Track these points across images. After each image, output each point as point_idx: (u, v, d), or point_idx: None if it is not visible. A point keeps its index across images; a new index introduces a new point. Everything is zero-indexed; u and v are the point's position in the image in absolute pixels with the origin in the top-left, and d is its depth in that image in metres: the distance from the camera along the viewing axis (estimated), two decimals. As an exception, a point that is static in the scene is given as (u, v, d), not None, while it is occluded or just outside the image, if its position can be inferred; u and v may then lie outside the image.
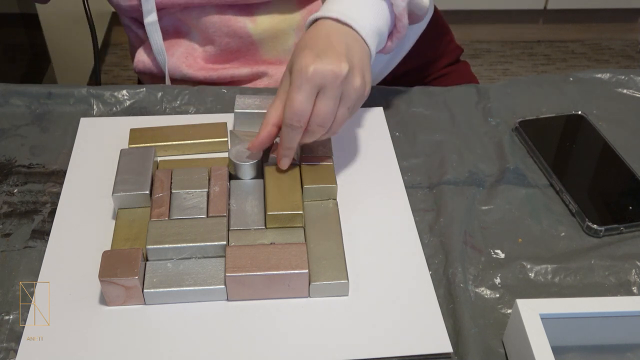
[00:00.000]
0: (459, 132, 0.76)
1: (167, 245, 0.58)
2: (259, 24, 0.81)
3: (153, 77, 0.89)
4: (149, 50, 0.86)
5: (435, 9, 0.96)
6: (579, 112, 0.78)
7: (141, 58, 0.87)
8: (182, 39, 0.85)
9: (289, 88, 0.60)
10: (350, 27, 0.63)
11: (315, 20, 0.65)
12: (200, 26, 0.82)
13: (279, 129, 0.63)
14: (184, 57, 0.85)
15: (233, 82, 0.85)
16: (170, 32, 0.85)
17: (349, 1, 0.65)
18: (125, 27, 0.90)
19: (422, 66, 0.94)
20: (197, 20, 0.81)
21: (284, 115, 0.61)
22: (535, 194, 0.69)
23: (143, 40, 0.88)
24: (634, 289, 0.60)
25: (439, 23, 0.95)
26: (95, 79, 0.89)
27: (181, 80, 0.86)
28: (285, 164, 0.64)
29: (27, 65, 1.56)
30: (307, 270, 0.57)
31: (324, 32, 0.63)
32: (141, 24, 0.83)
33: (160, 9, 0.80)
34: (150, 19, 0.80)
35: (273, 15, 0.81)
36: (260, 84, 0.85)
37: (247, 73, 0.85)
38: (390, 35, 0.70)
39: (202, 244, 0.59)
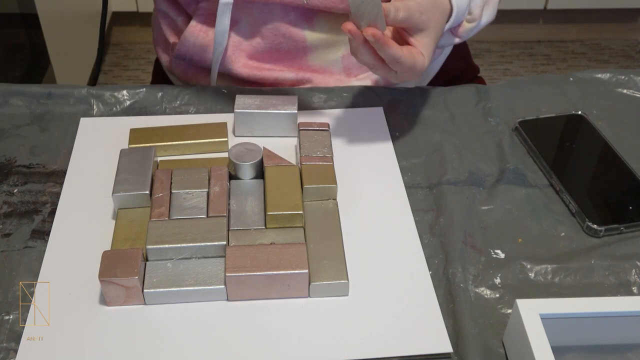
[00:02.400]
0: (459, 132, 0.76)
1: (167, 245, 0.58)
2: (317, 30, 0.81)
3: (187, 68, 0.86)
4: (201, 34, 0.81)
5: None
6: (579, 112, 0.78)
7: (187, 43, 0.83)
8: (229, 30, 0.81)
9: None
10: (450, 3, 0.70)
11: None
12: (258, 18, 0.79)
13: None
14: (229, 51, 0.82)
15: (276, 85, 0.84)
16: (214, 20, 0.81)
17: None
18: (159, 14, 0.87)
19: (444, 84, 0.94)
20: (258, 12, 0.79)
21: (415, 62, 0.64)
22: (535, 194, 0.69)
23: (179, 29, 0.85)
24: (634, 289, 0.60)
25: (463, 43, 0.96)
26: (96, 70, 0.84)
27: (223, 76, 0.84)
28: (370, 36, 0.63)
29: (27, 65, 1.56)
30: (307, 270, 0.57)
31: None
32: (181, 10, 0.82)
33: None
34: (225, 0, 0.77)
35: (332, 25, 0.81)
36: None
37: (292, 78, 0.83)
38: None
39: (202, 244, 0.59)
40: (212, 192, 0.64)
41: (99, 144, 0.72)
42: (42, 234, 0.63)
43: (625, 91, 0.83)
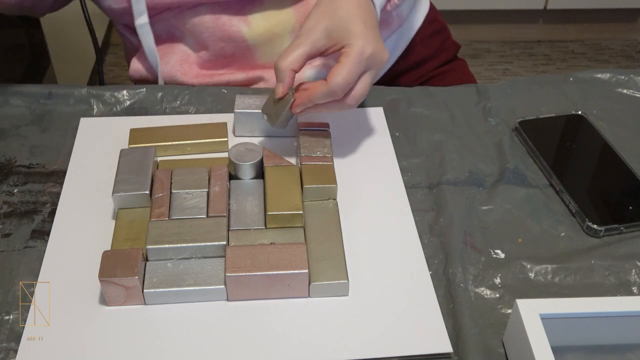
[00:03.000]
0: (459, 132, 0.76)
1: (167, 245, 0.58)
2: (254, 27, 0.81)
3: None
4: (144, 58, 0.85)
5: (432, 6, 0.96)
6: (579, 112, 0.78)
7: (136, 67, 0.87)
8: (175, 44, 0.84)
9: (341, 61, 0.62)
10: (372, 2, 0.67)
11: None
12: (194, 30, 0.81)
13: (295, 74, 0.64)
14: (178, 65, 0.84)
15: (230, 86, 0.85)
16: (164, 38, 0.84)
17: None
18: (120, 35, 0.89)
19: (419, 63, 0.94)
20: (190, 25, 0.80)
21: (331, 82, 0.62)
22: (535, 194, 0.69)
23: (138, 49, 0.87)
24: (634, 289, 0.60)
25: (436, 19, 0.95)
26: (99, 78, 0.88)
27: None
28: (299, 110, 0.65)
29: (27, 65, 1.56)
30: (307, 270, 0.57)
31: (355, 1, 0.65)
32: (135, 31, 0.83)
33: (151, 9, 0.79)
34: (141, 20, 0.79)
35: (268, 18, 0.81)
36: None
37: (243, 78, 0.84)
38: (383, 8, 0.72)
39: (202, 244, 0.59)
40: (212, 192, 0.63)
41: (99, 144, 0.72)
42: (42, 234, 0.63)
43: (625, 91, 0.83)
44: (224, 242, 0.59)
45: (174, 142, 0.71)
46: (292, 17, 0.81)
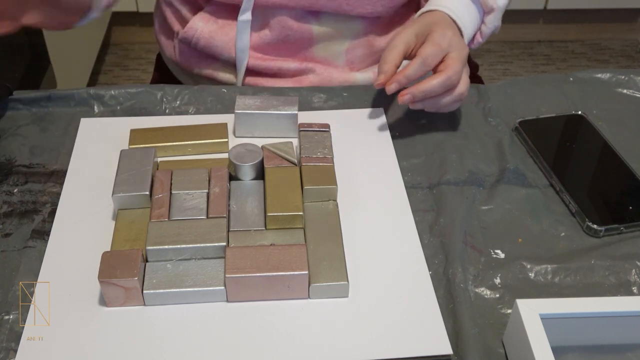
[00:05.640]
0: (459, 132, 0.76)
1: (166, 246, 0.58)
2: (324, 24, 0.82)
3: (191, 54, 0.87)
4: (210, 21, 0.82)
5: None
6: (579, 112, 0.78)
7: (195, 26, 0.83)
8: (235, 21, 0.82)
9: (429, 38, 0.71)
10: (461, 32, 0.76)
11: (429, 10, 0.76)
12: (266, 13, 0.81)
13: (397, 68, 0.71)
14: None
15: (279, 75, 0.85)
16: (226, 12, 0.83)
17: (460, 5, 0.76)
18: (163, 3, 0.88)
19: None
20: (269, 11, 0.80)
21: (421, 51, 0.70)
22: (535, 194, 0.69)
23: (184, 18, 0.85)
24: (634, 289, 0.60)
25: None
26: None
27: (226, 64, 0.85)
28: (391, 88, 0.70)
29: (27, 65, 1.56)
30: (307, 272, 0.57)
31: (445, 22, 0.73)
32: (186, 1, 0.83)
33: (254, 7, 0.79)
34: (245, 17, 0.79)
35: (338, 20, 0.82)
36: (304, 80, 0.85)
37: (295, 68, 0.85)
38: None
39: (202, 245, 0.59)
40: (212, 193, 0.63)
41: (99, 144, 0.72)
42: (42, 234, 0.63)
43: (625, 91, 0.83)
44: (224, 243, 0.59)
45: (174, 143, 0.71)
46: (360, 25, 0.83)
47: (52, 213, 0.65)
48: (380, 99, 0.80)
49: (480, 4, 0.79)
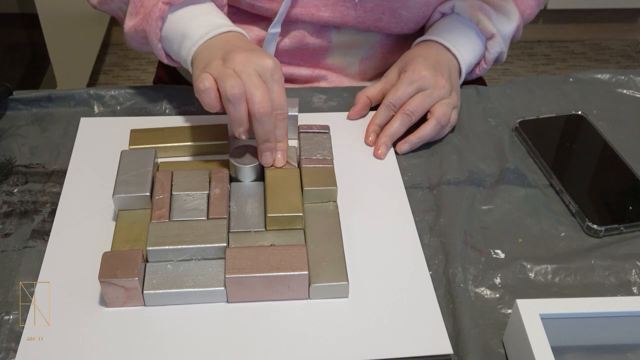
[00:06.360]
0: (459, 132, 0.76)
1: (167, 247, 0.58)
2: (343, 34, 0.82)
3: None
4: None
5: None
6: (579, 112, 0.78)
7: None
8: (254, 26, 0.82)
9: (398, 81, 0.74)
10: (456, 58, 0.77)
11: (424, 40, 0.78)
12: (289, 25, 0.80)
13: (370, 103, 0.77)
14: None
15: (290, 81, 0.85)
16: (246, 16, 0.82)
17: (457, 34, 0.78)
18: None
19: None
20: (291, 22, 0.80)
21: (386, 97, 0.74)
22: (535, 194, 0.69)
23: None
24: (634, 289, 0.60)
25: None
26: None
27: None
28: (372, 141, 0.74)
29: (27, 65, 1.56)
30: (307, 272, 0.57)
31: (434, 51, 0.77)
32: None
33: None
34: (274, 30, 0.79)
35: (358, 31, 0.82)
36: (316, 86, 0.85)
37: (307, 75, 0.85)
38: (472, 69, 0.83)
39: (202, 245, 0.59)
40: (212, 194, 0.63)
41: (99, 144, 0.72)
42: (42, 234, 0.63)
43: (625, 91, 0.83)
44: (224, 244, 0.59)
45: (175, 144, 0.71)
46: (378, 37, 0.83)
47: (52, 213, 0.65)
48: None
49: (480, 30, 0.79)
